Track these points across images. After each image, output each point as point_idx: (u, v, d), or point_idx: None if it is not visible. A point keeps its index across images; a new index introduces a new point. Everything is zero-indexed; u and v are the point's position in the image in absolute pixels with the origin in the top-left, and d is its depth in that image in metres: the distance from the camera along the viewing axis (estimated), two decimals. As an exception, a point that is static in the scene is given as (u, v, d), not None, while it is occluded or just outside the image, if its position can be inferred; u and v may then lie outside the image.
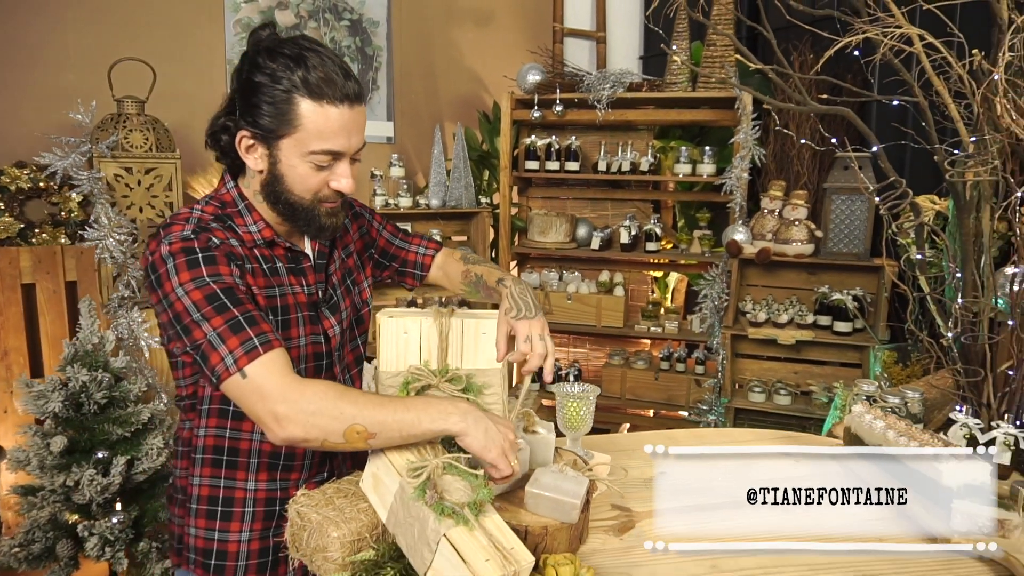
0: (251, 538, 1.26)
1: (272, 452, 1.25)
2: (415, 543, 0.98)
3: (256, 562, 1.26)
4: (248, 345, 1.04)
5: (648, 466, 1.47)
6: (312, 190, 1.16)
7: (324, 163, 1.14)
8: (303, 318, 1.24)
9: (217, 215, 1.19)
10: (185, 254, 1.10)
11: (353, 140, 1.15)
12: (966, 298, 1.79)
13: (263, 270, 1.20)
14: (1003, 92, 1.36)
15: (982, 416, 1.75)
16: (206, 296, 1.07)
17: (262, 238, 1.21)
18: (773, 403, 2.87)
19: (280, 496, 1.26)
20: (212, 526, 1.25)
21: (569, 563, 1.02)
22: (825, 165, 3.11)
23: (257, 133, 1.13)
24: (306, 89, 1.09)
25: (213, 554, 1.25)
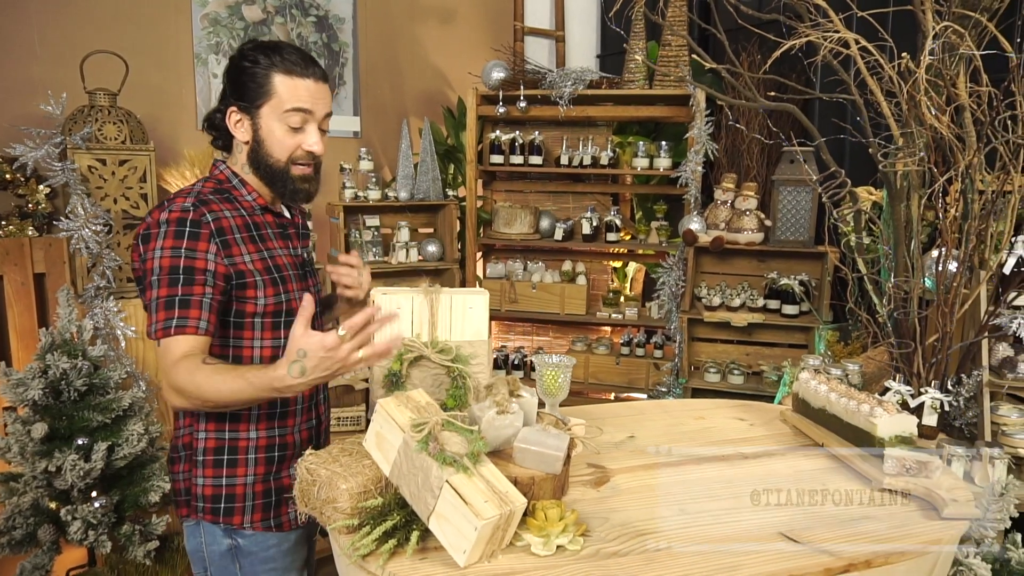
0: (255, 481, 1.43)
1: (269, 403, 1.42)
2: (419, 491, 1.10)
3: (261, 502, 1.43)
4: (168, 323, 1.26)
5: (619, 432, 1.62)
6: (288, 150, 1.39)
7: (296, 123, 1.38)
8: (294, 275, 1.47)
9: (217, 188, 1.42)
10: (177, 224, 1.30)
11: (319, 106, 1.40)
12: (898, 278, 1.99)
13: (256, 236, 1.41)
14: (924, 91, 1.54)
15: (913, 384, 1.95)
16: (171, 266, 1.28)
17: (258, 205, 1.45)
18: (727, 383, 3.06)
19: (279, 442, 1.45)
20: (220, 474, 1.41)
21: (555, 506, 1.15)
22: (773, 159, 3.31)
23: (242, 106, 1.38)
24: (280, 66, 1.36)
25: (222, 499, 1.41)
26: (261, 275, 1.38)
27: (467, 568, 1.04)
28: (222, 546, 1.43)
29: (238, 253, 1.36)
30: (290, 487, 1.38)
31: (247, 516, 1.43)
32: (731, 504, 1.27)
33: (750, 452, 1.51)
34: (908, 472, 1.31)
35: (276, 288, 1.40)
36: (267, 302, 1.39)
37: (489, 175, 3.91)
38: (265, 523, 1.45)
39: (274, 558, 1.45)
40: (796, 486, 1.33)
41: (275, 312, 1.41)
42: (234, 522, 1.42)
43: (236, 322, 1.38)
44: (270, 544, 1.45)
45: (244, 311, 1.38)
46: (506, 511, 1.04)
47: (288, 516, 1.46)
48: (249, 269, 1.37)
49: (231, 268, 1.34)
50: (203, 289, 1.29)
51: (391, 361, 1.35)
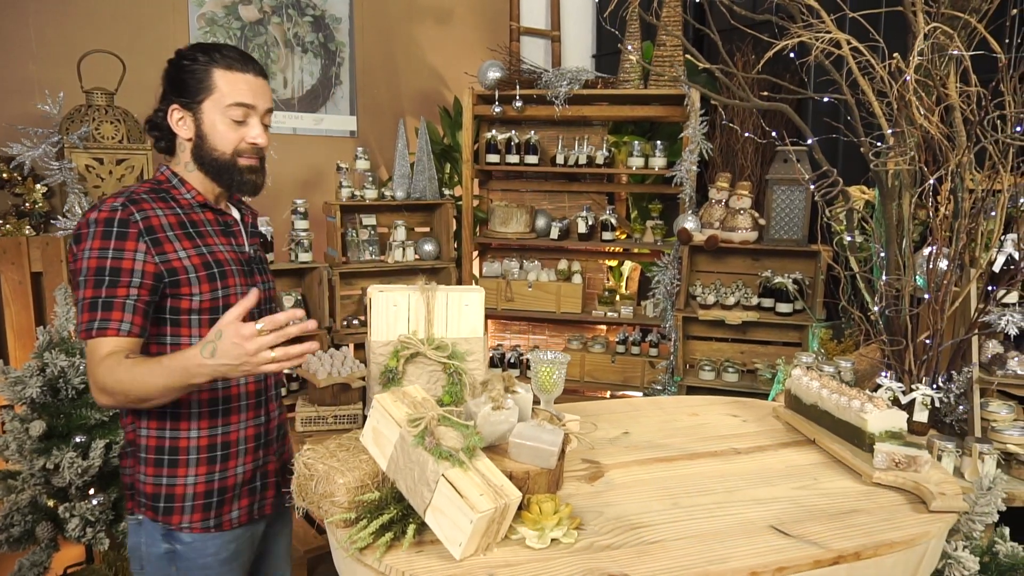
0: (196, 481, 1.41)
1: (211, 400, 1.42)
2: (415, 485, 1.11)
3: (202, 503, 1.42)
4: (91, 324, 1.28)
5: (613, 428, 1.64)
6: (232, 143, 1.41)
7: (239, 117, 1.40)
8: (237, 271, 1.46)
9: (152, 188, 1.42)
10: (106, 224, 1.31)
11: (260, 100, 1.43)
12: (890, 276, 2.01)
13: (193, 233, 1.41)
14: (913, 91, 1.56)
15: (904, 380, 1.97)
16: (97, 267, 1.29)
17: (196, 202, 1.44)
18: (722, 380, 3.08)
19: (221, 440, 1.43)
20: (160, 473, 1.40)
21: (550, 500, 1.16)
22: (767, 158, 3.33)
23: (183, 102, 1.39)
24: (219, 63, 1.39)
25: (162, 498, 1.40)
26: (197, 271, 1.37)
27: (463, 561, 1.05)
28: (160, 549, 1.42)
29: (171, 250, 1.35)
30: (234, 486, 1.45)
31: (186, 516, 1.41)
32: (723, 498, 1.29)
33: (743, 447, 1.53)
34: (898, 467, 1.33)
35: (213, 284, 1.40)
36: (203, 298, 1.38)
37: (485, 174, 3.93)
38: (204, 524, 1.43)
39: (211, 566, 1.43)
40: (788, 481, 1.36)
41: (212, 308, 1.39)
42: (172, 521, 1.40)
43: (173, 319, 1.38)
44: (208, 552, 1.43)
45: (180, 307, 1.37)
46: (501, 504, 1.06)
47: (229, 516, 1.45)
48: (184, 266, 1.36)
49: (162, 266, 1.34)
50: (127, 291, 1.30)
51: (388, 358, 1.36)
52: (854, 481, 1.36)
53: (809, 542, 1.12)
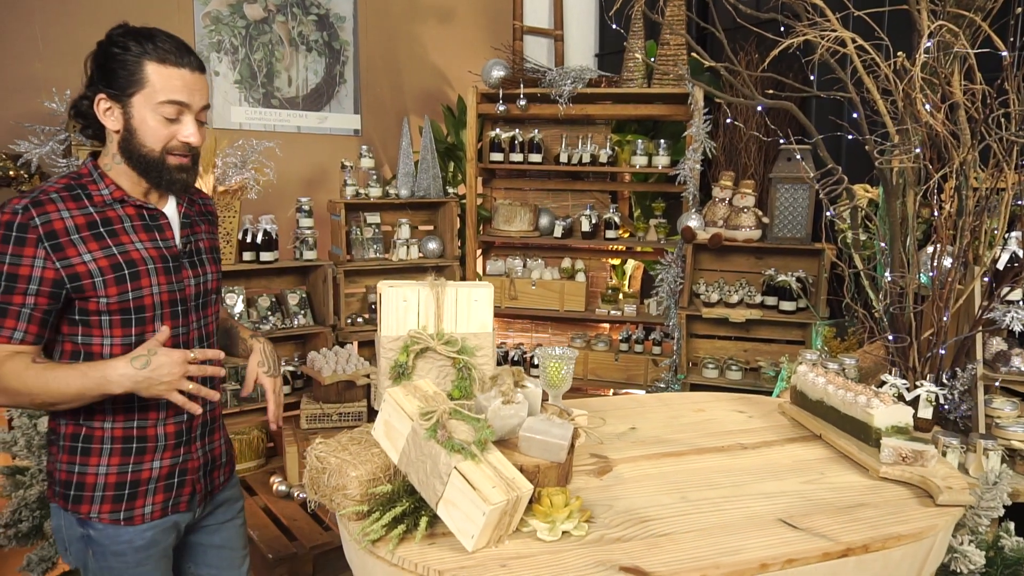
0: (108, 472, 1.38)
1: (126, 396, 1.35)
2: (427, 478, 1.12)
3: (112, 494, 1.39)
4: None
5: (621, 423, 1.65)
6: (162, 141, 1.34)
7: (172, 115, 1.33)
8: (156, 269, 1.39)
9: (67, 185, 1.35)
10: (5, 227, 1.26)
11: (196, 97, 1.36)
12: (894, 273, 2.02)
13: (104, 233, 1.34)
14: (919, 88, 1.57)
15: (908, 378, 1.98)
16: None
17: (112, 198, 1.37)
18: (725, 378, 3.09)
19: (137, 434, 1.40)
20: (73, 461, 1.38)
21: (561, 493, 1.17)
22: (770, 157, 3.34)
23: (112, 93, 1.32)
24: (153, 55, 1.31)
25: (73, 486, 1.38)
26: (104, 274, 1.32)
27: (475, 553, 1.06)
28: (76, 533, 1.41)
29: (75, 254, 1.30)
30: (148, 480, 1.42)
31: (95, 506, 1.38)
32: (731, 492, 1.30)
33: (749, 443, 1.54)
34: (904, 461, 1.34)
35: (122, 286, 1.34)
36: (111, 300, 1.33)
37: (489, 173, 3.94)
38: (114, 516, 1.39)
39: (124, 552, 1.41)
40: (795, 475, 1.37)
41: (122, 309, 1.34)
42: (81, 510, 1.38)
43: (82, 320, 1.34)
44: (121, 540, 1.40)
45: (88, 308, 1.33)
46: (513, 497, 1.07)
47: (142, 510, 1.41)
48: (88, 270, 1.31)
49: (64, 272, 1.29)
50: (23, 298, 1.27)
51: (398, 353, 1.37)
52: (861, 475, 1.37)
53: (818, 535, 1.14)
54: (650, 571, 1.03)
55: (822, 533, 1.14)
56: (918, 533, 1.16)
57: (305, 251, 3.30)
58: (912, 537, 1.15)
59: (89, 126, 1.39)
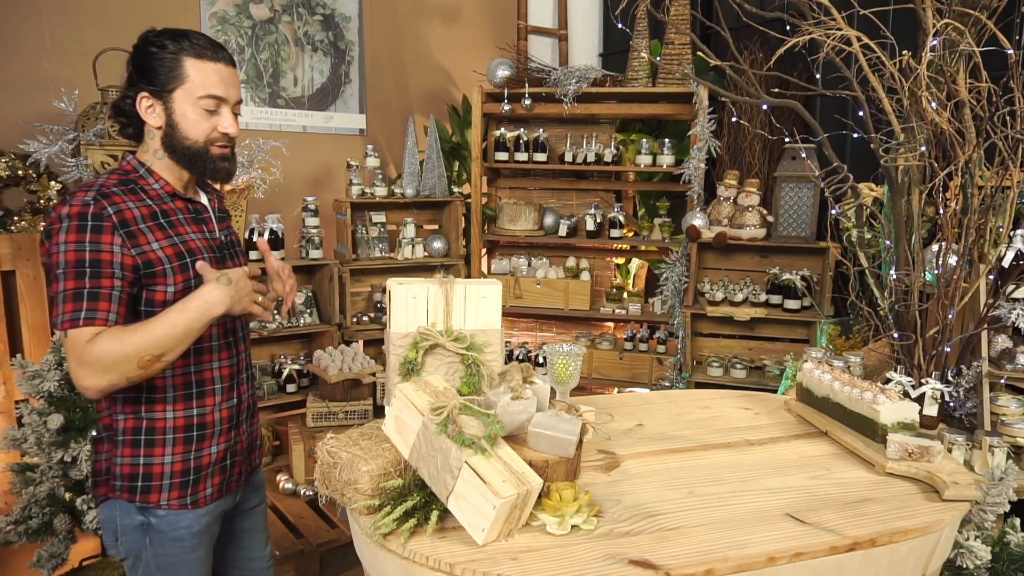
0: (173, 460, 1.45)
1: (185, 383, 1.45)
2: (438, 472, 1.13)
3: (179, 481, 1.45)
4: (76, 314, 1.26)
5: (627, 420, 1.66)
6: (204, 133, 1.41)
7: (211, 107, 1.40)
8: (209, 259, 1.46)
9: (120, 180, 1.41)
10: (79, 219, 1.30)
11: (231, 91, 1.43)
12: (899, 271, 2.03)
13: (164, 224, 1.41)
14: (925, 86, 1.58)
15: (914, 375, 1.99)
16: (76, 260, 1.28)
17: (165, 192, 1.44)
18: (730, 377, 3.10)
19: (197, 421, 1.47)
20: (138, 453, 1.43)
21: (570, 487, 1.18)
22: (775, 156, 3.35)
23: (153, 91, 1.38)
24: (190, 51, 1.38)
25: (139, 477, 1.43)
26: (171, 262, 1.38)
27: (485, 546, 1.07)
28: (134, 521, 1.45)
29: (145, 242, 1.35)
30: (208, 464, 1.48)
31: (163, 495, 1.44)
32: (738, 487, 1.30)
33: (756, 439, 1.55)
34: (911, 457, 1.35)
35: (186, 274, 1.40)
36: (177, 288, 1.38)
37: (494, 172, 3.95)
38: (181, 501, 1.46)
39: (183, 538, 1.47)
40: (801, 471, 1.37)
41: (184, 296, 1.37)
42: (150, 500, 1.43)
43: (147, 311, 1.37)
44: (181, 525, 1.46)
45: (154, 300, 1.37)
46: (523, 491, 1.08)
47: (204, 493, 1.49)
48: (158, 257, 1.36)
49: (139, 258, 1.34)
50: (111, 282, 1.30)
51: (407, 349, 1.38)
52: (867, 471, 1.37)
53: (825, 529, 1.14)
54: (659, 564, 1.04)
55: (829, 528, 1.15)
56: (924, 528, 1.17)
57: (311, 250, 3.31)
58: (918, 531, 1.16)
59: (130, 124, 1.44)
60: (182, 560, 1.47)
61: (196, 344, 1.42)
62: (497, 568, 1.02)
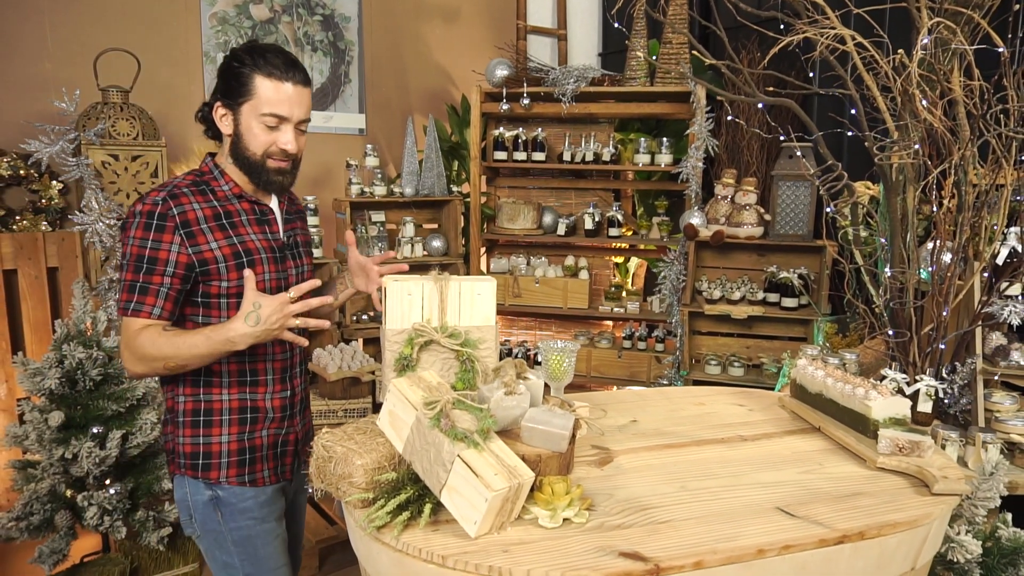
0: (229, 440, 1.56)
1: (239, 370, 1.56)
2: (431, 466, 1.15)
3: (236, 459, 1.57)
4: (128, 304, 1.44)
5: (622, 416, 1.67)
6: (263, 146, 1.51)
7: (272, 124, 1.49)
8: (267, 259, 1.57)
9: (194, 181, 1.54)
10: (147, 216, 1.44)
11: (296, 111, 1.51)
12: (894, 269, 2.04)
13: (225, 224, 1.52)
14: (916, 84, 1.59)
15: (908, 372, 2.00)
16: (138, 255, 1.44)
17: (232, 193, 1.56)
18: (728, 375, 3.11)
19: (251, 405, 1.58)
20: (197, 433, 1.55)
21: (562, 481, 1.20)
22: (772, 154, 3.36)
23: (226, 102, 1.50)
24: (262, 69, 1.47)
25: (200, 455, 1.55)
26: (227, 260, 1.49)
27: (478, 538, 1.09)
28: (204, 496, 1.56)
29: (204, 242, 1.47)
30: (260, 447, 1.59)
31: (223, 472, 1.55)
32: (730, 482, 1.32)
33: (749, 435, 1.56)
34: (901, 452, 1.36)
35: (240, 272, 1.50)
36: (231, 284, 1.50)
37: (493, 171, 3.96)
38: (240, 479, 1.57)
39: (251, 509, 1.57)
40: (793, 466, 1.39)
41: (239, 292, 1.50)
42: (211, 476, 1.55)
43: (204, 301, 1.51)
44: (247, 496, 1.57)
45: (210, 292, 1.50)
46: (515, 484, 1.09)
47: (261, 474, 1.59)
48: (215, 256, 1.48)
49: (195, 257, 1.46)
50: (161, 279, 1.44)
51: (403, 345, 1.40)
52: (858, 466, 1.39)
53: (814, 522, 1.16)
54: (648, 556, 1.05)
55: (819, 521, 1.16)
56: (913, 521, 1.18)
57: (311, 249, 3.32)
58: (907, 525, 1.17)
59: (210, 129, 1.57)
60: (255, 532, 1.57)
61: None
62: (489, 560, 1.04)
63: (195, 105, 1.66)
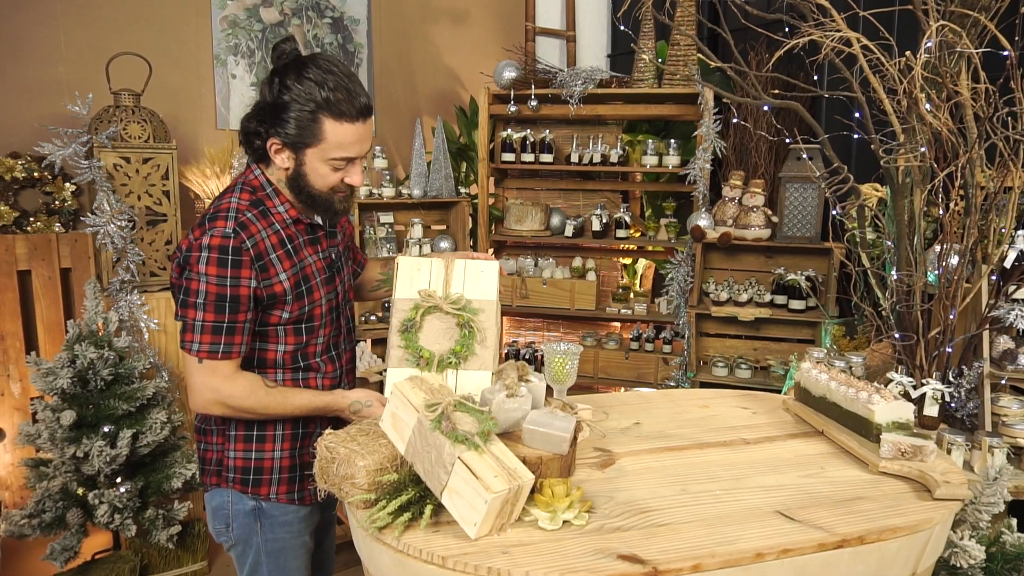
0: (282, 456, 1.53)
1: (294, 386, 1.53)
2: (432, 467, 1.16)
3: (287, 476, 1.54)
4: (215, 347, 1.39)
5: (625, 418, 1.68)
6: (330, 185, 1.45)
7: (341, 166, 1.43)
8: (321, 281, 1.53)
9: (252, 201, 1.44)
10: (220, 251, 1.36)
11: (364, 146, 1.44)
12: (901, 272, 2.03)
13: (289, 251, 1.46)
14: (920, 87, 1.58)
15: (915, 375, 1.99)
16: (218, 294, 1.36)
17: (290, 217, 1.48)
18: (735, 377, 3.10)
19: (303, 420, 1.55)
20: (250, 448, 1.52)
21: (562, 483, 1.21)
22: (780, 156, 3.35)
23: (287, 143, 1.40)
24: (328, 110, 1.35)
25: (251, 471, 1.52)
26: (292, 292, 1.45)
27: (478, 540, 1.10)
28: (247, 506, 1.53)
29: (274, 274, 1.42)
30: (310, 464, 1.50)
31: (274, 488, 1.53)
32: (731, 485, 1.32)
33: (752, 438, 1.56)
34: (904, 456, 1.36)
35: (301, 301, 1.47)
36: (292, 314, 1.47)
37: (501, 173, 3.97)
38: (289, 496, 1.55)
39: (292, 523, 1.56)
40: (795, 469, 1.39)
41: (297, 320, 1.49)
42: (261, 492, 1.53)
43: (260, 331, 1.47)
44: (290, 511, 1.56)
45: (268, 321, 1.46)
46: (515, 486, 1.11)
47: (310, 491, 1.55)
48: (283, 288, 1.43)
49: (266, 291, 1.41)
50: (245, 316, 1.40)
51: (409, 312, 1.45)
52: (860, 470, 1.39)
53: (814, 526, 1.16)
54: (647, 559, 1.06)
55: (819, 525, 1.16)
56: (914, 526, 1.18)
57: (319, 250, 3.35)
58: (908, 530, 1.17)
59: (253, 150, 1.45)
60: (290, 545, 1.56)
61: (304, 359, 1.53)
62: (488, 561, 1.05)
63: (206, 107, 1.65)
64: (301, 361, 1.52)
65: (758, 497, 1.27)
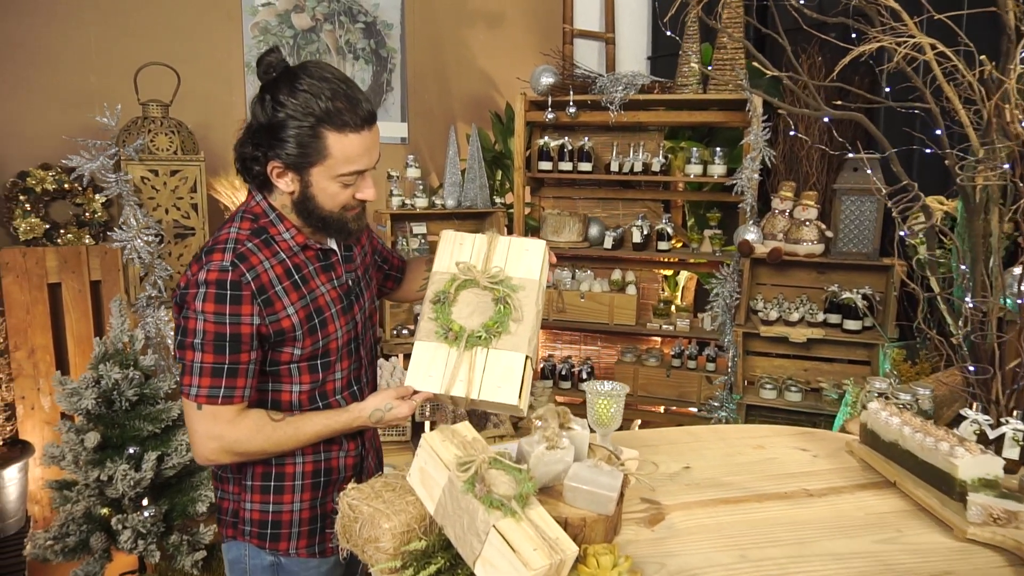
0: (302, 508, 1.41)
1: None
2: (464, 534, 1.04)
3: (307, 528, 1.42)
4: (214, 391, 1.26)
5: (674, 461, 1.54)
6: (341, 204, 1.32)
7: (351, 181, 1.30)
8: (337, 312, 1.40)
9: (253, 230, 1.31)
10: (217, 287, 1.23)
11: (373, 156, 1.31)
12: (975, 298, 1.85)
13: (297, 281, 1.33)
14: (1015, 102, 1.42)
15: (991, 412, 1.81)
16: (216, 333, 1.24)
17: (296, 243, 1.35)
18: (784, 400, 2.94)
19: (324, 467, 1.43)
20: (267, 500, 1.40)
21: (608, 552, 1.08)
22: (834, 166, 3.16)
23: (288, 164, 1.26)
24: (330, 122, 1.23)
25: (269, 524, 1.40)
26: (302, 326, 1.32)
27: (515, 618, 0.98)
28: (264, 561, 1.42)
29: (280, 308, 1.29)
30: (332, 512, 1.39)
31: (293, 542, 1.42)
32: (796, 551, 1.18)
33: (815, 488, 1.42)
34: (996, 522, 1.20)
35: (314, 336, 1.34)
36: (305, 351, 1.34)
37: (537, 182, 3.85)
38: (310, 550, 1.44)
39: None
40: (868, 532, 1.24)
41: (312, 356, 1.36)
42: (280, 548, 1.41)
43: (272, 371, 1.35)
44: (311, 566, 1.44)
45: (279, 359, 1.33)
46: (556, 560, 0.98)
47: (331, 543, 1.43)
48: (292, 323, 1.30)
49: (272, 327, 1.28)
50: (248, 356, 1.27)
51: (444, 284, 1.38)
52: (944, 535, 1.23)
53: (898, 610, 1.01)
54: (708, 651, 0.93)
55: (903, 608, 1.02)
56: (1014, 611, 1.03)
57: (350, 262, 3.27)
58: (1007, 616, 1.02)
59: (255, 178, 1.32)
60: None
61: (323, 399, 1.41)
62: (526, 647, 0.93)
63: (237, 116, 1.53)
64: (320, 401, 1.40)
65: (829, 568, 1.13)
